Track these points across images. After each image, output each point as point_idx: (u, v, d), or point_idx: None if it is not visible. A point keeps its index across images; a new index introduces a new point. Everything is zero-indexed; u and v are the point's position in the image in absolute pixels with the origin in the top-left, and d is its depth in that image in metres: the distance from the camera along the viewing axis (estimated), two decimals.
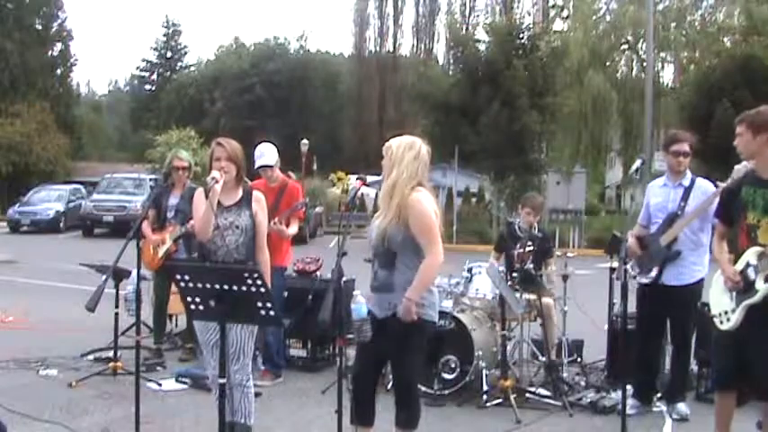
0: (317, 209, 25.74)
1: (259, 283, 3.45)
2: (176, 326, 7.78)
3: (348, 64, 54.04)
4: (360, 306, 3.81)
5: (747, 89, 19.57)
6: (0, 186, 35.28)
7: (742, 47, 22.59)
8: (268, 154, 6.28)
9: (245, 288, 3.46)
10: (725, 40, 26.57)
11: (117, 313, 6.29)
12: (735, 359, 4.11)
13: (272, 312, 3.55)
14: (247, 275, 3.47)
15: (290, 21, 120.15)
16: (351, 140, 49.24)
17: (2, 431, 4.08)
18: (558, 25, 32.42)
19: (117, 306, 6.28)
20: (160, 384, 5.97)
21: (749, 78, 20.45)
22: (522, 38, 23.75)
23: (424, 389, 5.48)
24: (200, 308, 3.66)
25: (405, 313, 3.80)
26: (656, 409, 5.53)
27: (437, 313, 4.04)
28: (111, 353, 6.36)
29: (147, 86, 61.28)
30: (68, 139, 39.46)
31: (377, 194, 4.38)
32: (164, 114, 51.99)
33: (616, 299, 5.72)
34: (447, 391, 5.71)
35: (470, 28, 41.32)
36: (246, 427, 4.34)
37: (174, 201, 6.74)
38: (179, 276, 3.63)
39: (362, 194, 22.46)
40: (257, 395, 4.74)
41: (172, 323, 7.65)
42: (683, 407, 5.39)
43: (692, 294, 5.31)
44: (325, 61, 58.12)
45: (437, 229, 3.90)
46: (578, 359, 6.61)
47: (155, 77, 60.83)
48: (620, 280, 4.43)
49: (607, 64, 29.74)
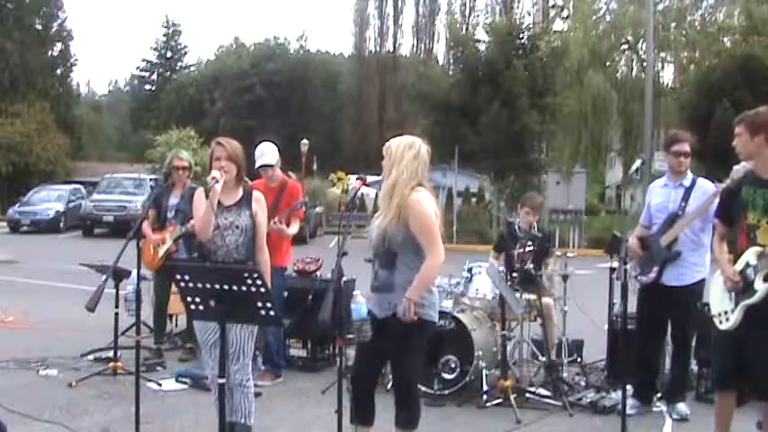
0: (317, 209, 25.72)
1: (259, 283, 3.45)
2: (176, 326, 7.78)
3: (348, 64, 54.04)
4: (360, 306, 3.81)
5: (747, 89, 19.57)
6: (0, 186, 35.29)
7: (742, 47, 22.60)
8: (269, 153, 6.28)
9: (245, 288, 3.46)
10: (725, 40, 26.58)
11: (117, 313, 6.29)
12: (734, 359, 4.11)
13: (272, 312, 3.55)
14: (247, 275, 3.47)
15: (290, 21, 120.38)
16: (351, 140, 49.23)
17: (2, 431, 4.08)
18: (558, 25, 32.50)
19: (117, 306, 6.28)
20: (160, 384, 5.97)
21: (749, 78, 20.46)
22: (522, 38, 23.76)
23: (424, 389, 5.48)
24: (200, 308, 3.66)
25: (404, 313, 3.80)
26: (656, 409, 5.53)
27: (437, 313, 4.04)
28: (111, 353, 6.36)
29: (147, 86, 61.27)
30: (68, 139, 39.46)
31: (377, 194, 4.38)
32: (164, 114, 51.98)
33: (616, 299, 5.71)
34: (447, 391, 5.71)
35: (470, 28, 41.37)
36: (246, 427, 4.34)
37: (175, 201, 6.75)
38: (179, 276, 3.63)
39: (362, 194, 22.44)
40: (257, 395, 4.74)
41: (172, 323, 7.65)
42: (683, 407, 5.39)
43: (692, 295, 5.30)
44: (325, 61, 58.11)
45: (437, 229, 3.90)
46: (578, 359, 6.61)
47: (155, 77, 60.82)
48: (620, 280, 4.43)
49: (607, 64, 29.72)
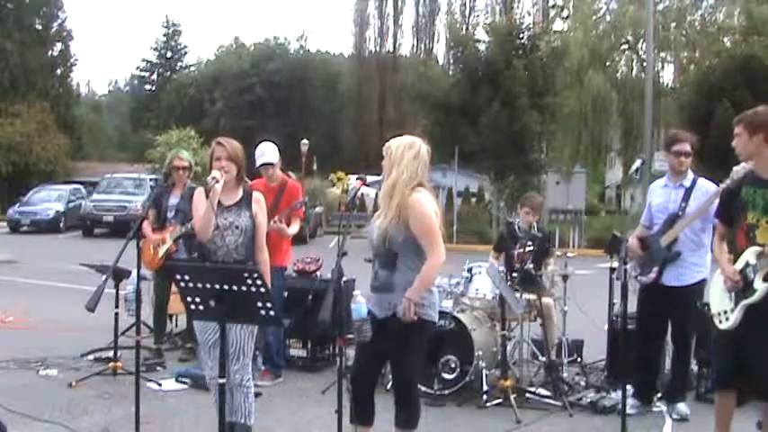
0: (316, 209, 25.71)
1: (259, 283, 3.45)
2: (176, 326, 7.78)
3: (348, 64, 54.04)
4: (360, 306, 3.81)
5: (747, 89, 19.57)
6: (0, 186, 35.29)
7: (742, 47, 22.60)
8: (269, 152, 6.29)
9: (245, 288, 3.47)
10: (725, 40, 26.58)
11: (117, 313, 6.28)
12: (734, 359, 4.11)
13: (272, 312, 3.55)
14: (247, 275, 3.47)
15: (290, 21, 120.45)
16: (351, 140, 49.23)
17: (2, 431, 4.08)
18: (558, 25, 32.50)
19: (117, 306, 6.28)
20: (160, 384, 5.97)
21: (749, 78, 20.46)
22: (522, 38, 23.76)
23: (424, 389, 5.48)
24: (200, 308, 3.66)
25: (404, 313, 3.80)
26: (656, 409, 5.53)
27: (437, 313, 4.04)
28: (111, 353, 6.36)
29: (147, 86, 61.28)
30: (68, 139, 39.47)
31: (377, 194, 4.38)
32: (164, 114, 51.98)
33: (616, 299, 5.71)
34: (447, 391, 5.70)
35: (470, 28, 41.39)
36: (246, 427, 4.34)
37: (175, 201, 6.75)
38: (179, 276, 3.63)
39: (362, 194, 22.44)
40: (257, 395, 4.74)
41: (172, 323, 7.65)
42: (683, 407, 5.39)
43: (692, 295, 5.30)
44: (325, 61, 58.11)
45: (438, 229, 3.90)
46: (578, 359, 6.61)
47: (155, 77, 60.84)
48: (620, 280, 4.43)
49: (607, 64, 29.72)
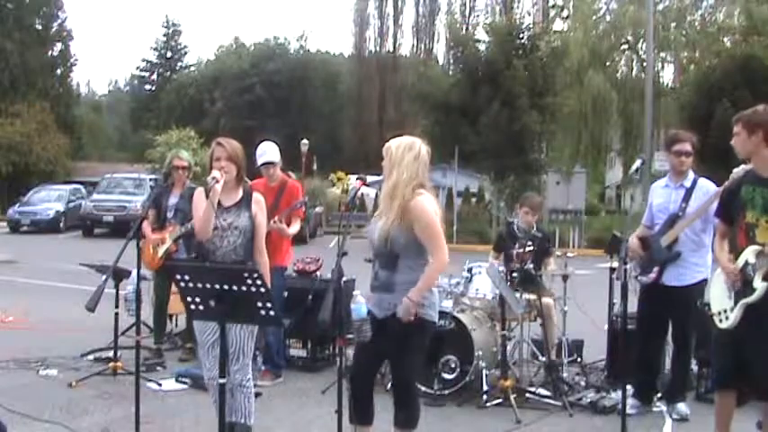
0: (316, 209, 25.72)
1: (259, 283, 3.45)
2: (176, 326, 7.78)
3: (348, 64, 54.06)
4: (360, 306, 3.82)
5: (747, 89, 19.54)
6: (0, 186, 35.30)
7: (742, 47, 22.59)
8: (271, 151, 6.29)
9: (244, 288, 3.46)
10: (725, 40, 26.56)
11: (117, 313, 6.28)
12: (734, 358, 4.11)
13: (272, 312, 3.55)
14: (247, 275, 3.47)
15: (290, 21, 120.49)
16: (351, 140, 49.25)
17: (2, 431, 4.08)
18: (558, 25, 32.49)
19: (117, 306, 6.28)
20: (160, 384, 5.97)
21: (749, 78, 20.44)
22: (522, 38, 23.76)
23: (424, 389, 5.48)
24: (200, 308, 3.65)
25: (404, 313, 3.80)
26: (656, 409, 5.53)
27: (437, 313, 4.04)
28: (111, 353, 6.36)
29: (147, 86, 61.30)
30: (68, 139, 39.49)
31: (377, 194, 4.38)
32: (164, 114, 51.99)
33: (616, 299, 5.71)
34: (447, 391, 5.70)
35: (470, 28, 41.41)
36: (246, 427, 4.34)
37: (174, 201, 6.75)
38: (179, 276, 3.63)
39: (362, 194, 22.45)
40: (257, 395, 4.74)
41: (172, 323, 7.65)
42: (683, 407, 5.39)
43: (692, 295, 5.30)
44: (325, 61, 58.12)
45: (441, 231, 3.91)
46: (578, 359, 6.60)
47: (155, 77, 60.85)
48: (620, 280, 4.43)
49: (607, 64, 29.72)
